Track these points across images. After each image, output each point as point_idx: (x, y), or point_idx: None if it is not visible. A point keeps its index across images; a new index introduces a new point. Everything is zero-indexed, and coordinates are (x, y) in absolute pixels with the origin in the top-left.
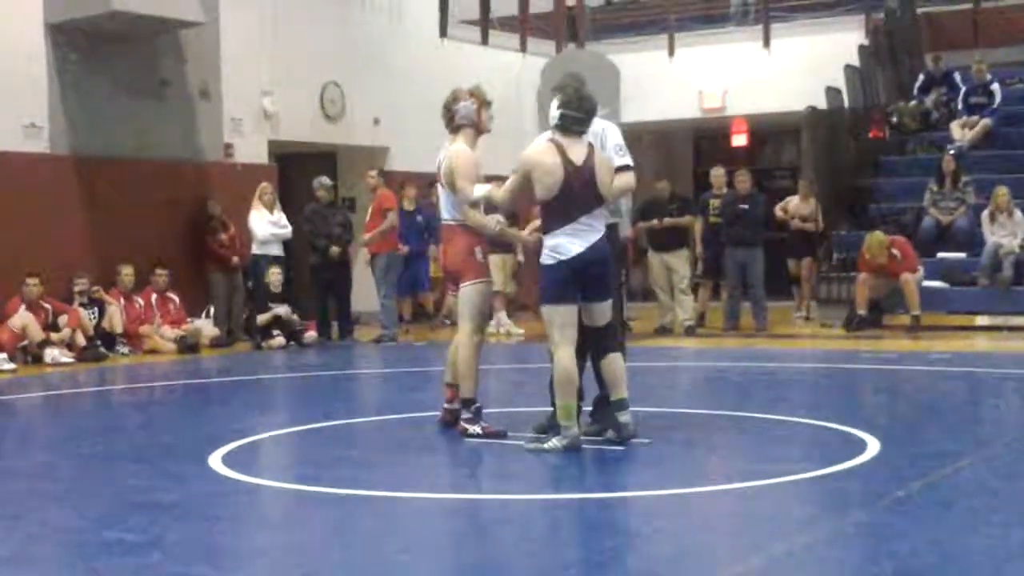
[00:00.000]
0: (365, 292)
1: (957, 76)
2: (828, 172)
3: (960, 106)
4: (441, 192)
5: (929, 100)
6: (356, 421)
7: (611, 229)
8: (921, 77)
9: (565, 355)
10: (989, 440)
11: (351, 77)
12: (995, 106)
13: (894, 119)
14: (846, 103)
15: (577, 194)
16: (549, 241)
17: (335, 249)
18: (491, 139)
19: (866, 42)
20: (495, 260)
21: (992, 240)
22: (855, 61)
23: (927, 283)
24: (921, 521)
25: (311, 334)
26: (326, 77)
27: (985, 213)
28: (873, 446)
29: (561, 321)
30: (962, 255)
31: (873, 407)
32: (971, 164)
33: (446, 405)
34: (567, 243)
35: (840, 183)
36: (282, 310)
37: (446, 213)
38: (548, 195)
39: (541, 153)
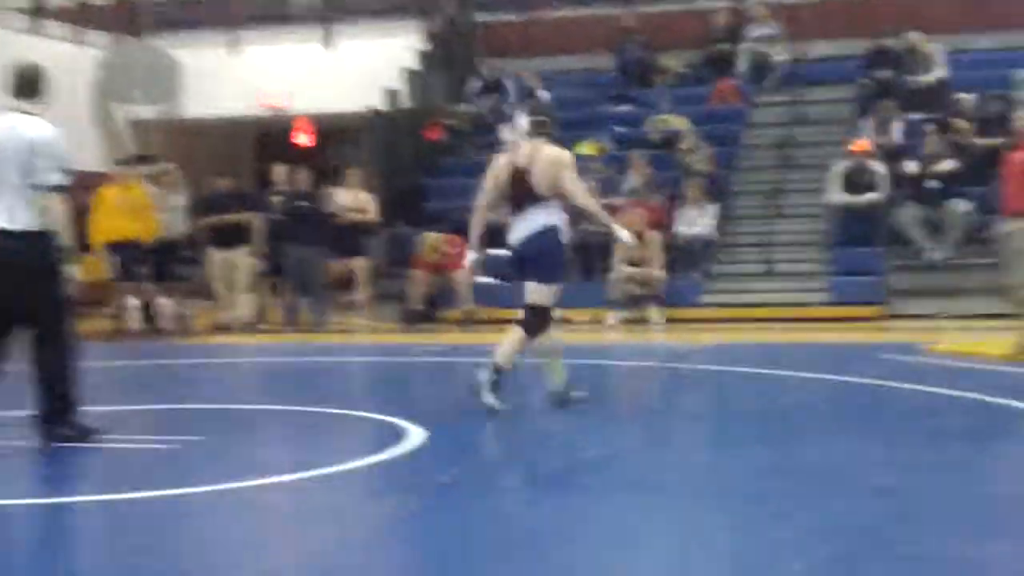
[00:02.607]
0: None
1: (509, 82)
2: (387, 172)
3: (511, 110)
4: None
5: (483, 105)
6: None
7: None
8: (476, 82)
9: None
10: (529, 428)
11: None
12: None
13: (450, 122)
14: (405, 105)
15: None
16: None
17: None
18: None
19: (424, 47)
20: None
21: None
22: (414, 65)
23: (479, 279)
24: (462, 507)
25: None
26: None
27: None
28: (419, 436)
29: None
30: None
31: (422, 398)
32: None
33: None
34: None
35: (398, 182)
36: None
37: None
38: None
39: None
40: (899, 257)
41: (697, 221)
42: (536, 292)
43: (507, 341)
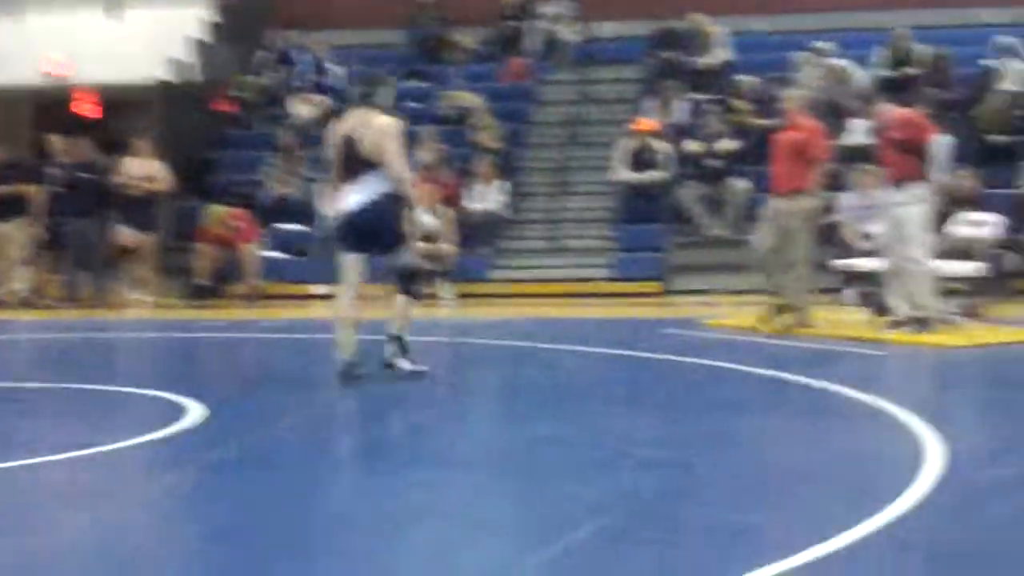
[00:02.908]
0: None
1: (299, 54)
2: (174, 144)
3: (301, 83)
4: None
5: (272, 76)
6: None
7: None
8: (265, 53)
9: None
10: (311, 402)
11: None
12: (331, 85)
13: (239, 93)
14: (194, 76)
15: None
16: None
17: None
18: None
19: (213, 16)
20: None
21: (327, 212)
22: (203, 35)
23: (266, 253)
24: (238, 482)
25: None
26: None
27: (320, 186)
28: (199, 412)
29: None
30: (299, 226)
31: (205, 374)
32: (310, 140)
33: None
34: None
35: (188, 155)
36: None
37: None
38: None
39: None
40: (681, 234)
41: (487, 197)
42: (400, 257)
43: (398, 311)
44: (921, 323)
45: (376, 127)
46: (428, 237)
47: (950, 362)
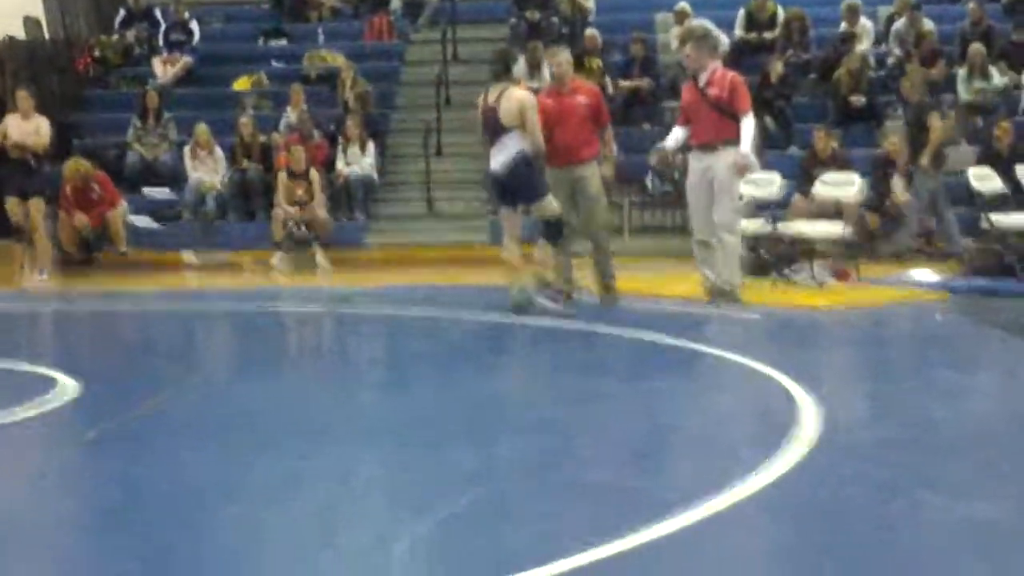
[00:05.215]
0: None
1: (158, 12)
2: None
3: (161, 42)
4: None
5: (131, 35)
6: None
7: None
8: (122, 11)
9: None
10: (186, 375)
11: None
12: (195, 44)
13: (97, 52)
14: (46, 34)
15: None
16: None
17: None
18: None
19: None
20: None
21: (194, 176)
22: None
23: (133, 219)
24: (114, 459)
25: None
26: None
27: (187, 149)
28: (72, 388)
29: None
30: (167, 191)
31: (80, 349)
32: (173, 101)
33: None
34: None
35: (48, 117)
36: None
37: None
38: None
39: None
40: None
41: (358, 160)
42: (540, 209)
43: (541, 259)
44: (725, 295)
45: (514, 99)
46: (298, 201)
47: (822, 324)
